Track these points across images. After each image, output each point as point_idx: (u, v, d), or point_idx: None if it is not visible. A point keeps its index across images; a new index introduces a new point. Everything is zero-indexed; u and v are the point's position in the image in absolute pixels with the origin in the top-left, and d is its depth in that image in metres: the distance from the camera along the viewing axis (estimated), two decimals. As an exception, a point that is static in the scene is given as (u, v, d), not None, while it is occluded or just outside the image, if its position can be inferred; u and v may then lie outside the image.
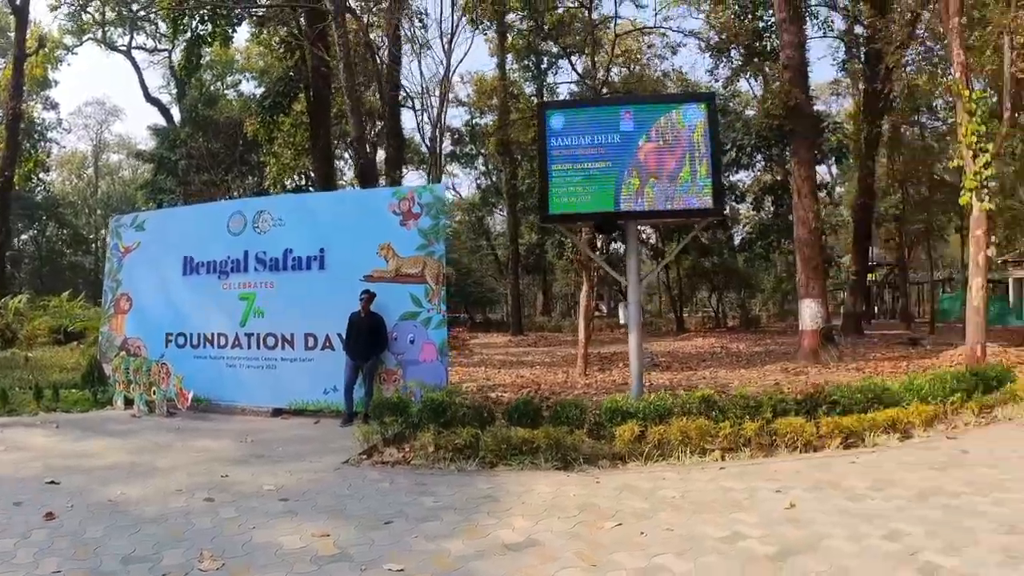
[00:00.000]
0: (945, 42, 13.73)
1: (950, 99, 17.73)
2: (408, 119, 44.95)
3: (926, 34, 20.80)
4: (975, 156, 11.73)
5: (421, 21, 24.56)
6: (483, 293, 45.99)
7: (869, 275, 36.19)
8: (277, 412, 10.31)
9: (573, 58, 33.81)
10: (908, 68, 22.20)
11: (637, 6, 45.79)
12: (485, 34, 32.03)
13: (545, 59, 35.46)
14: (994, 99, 15.48)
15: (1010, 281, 30.00)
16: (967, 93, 11.95)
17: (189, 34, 22.92)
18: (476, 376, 14.39)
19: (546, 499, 5.71)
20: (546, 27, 31.04)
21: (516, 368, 16.31)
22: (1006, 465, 6.39)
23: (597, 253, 16.99)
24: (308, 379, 10.36)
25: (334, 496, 5.94)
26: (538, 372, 15.30)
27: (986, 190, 11.93)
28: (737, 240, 37.35)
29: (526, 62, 35.54)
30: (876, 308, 41.76)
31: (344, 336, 9.92)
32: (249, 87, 41.38)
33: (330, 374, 10.08)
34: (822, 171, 36.95)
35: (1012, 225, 35.43)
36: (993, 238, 12.38)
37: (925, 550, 4.41)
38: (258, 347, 10.79)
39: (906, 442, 7.45)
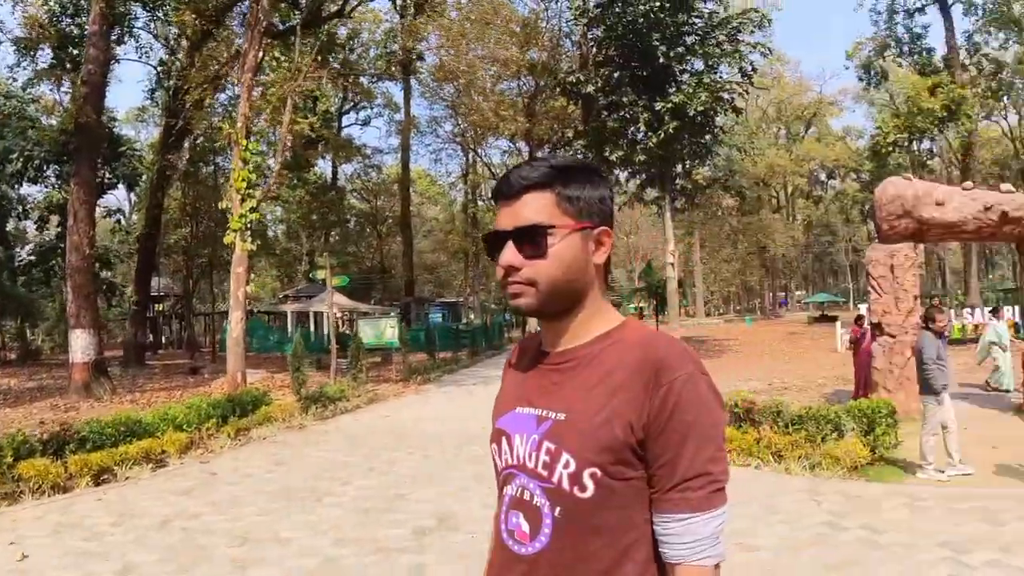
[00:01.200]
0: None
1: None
2: None
3: (229, 83, 22.31)
4: (243, 200, 12.97)
5: None
6: None
7: (157, 305, 36.23)
8: None
9: None
10: (213, 109, 23.43)
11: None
12: None
13: None
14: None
15: (288, 313, 33.66)
16: (244, 143, 13.22)
17: None
18: None
19: None
20: None
21: None
22: (248, 482, 7.17)
23: None
24: None
25: None
26: None
27: (249, 232, 13.25)
28: (18, 262, 33.05)
29: None
30: (164, 338, 41.97)
31: None
32: None
33: None
34: (120, 196, 35.65)
35: (291, 264, 40.45)
36: (253, 275, 13.85)
37: (156, 576, 4.57)
38: None
39: (160, 471, 7.68)
